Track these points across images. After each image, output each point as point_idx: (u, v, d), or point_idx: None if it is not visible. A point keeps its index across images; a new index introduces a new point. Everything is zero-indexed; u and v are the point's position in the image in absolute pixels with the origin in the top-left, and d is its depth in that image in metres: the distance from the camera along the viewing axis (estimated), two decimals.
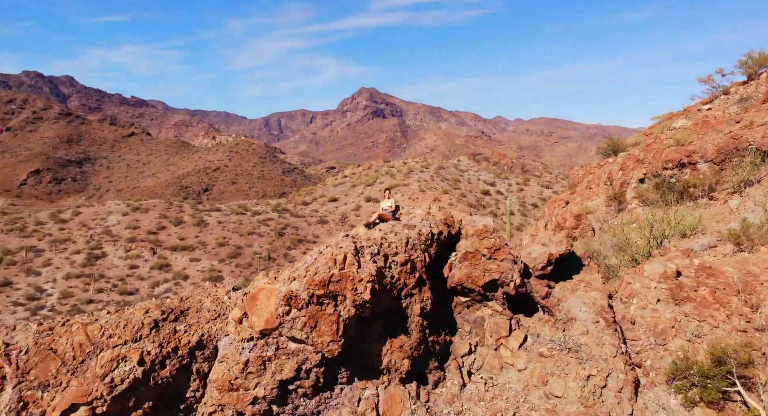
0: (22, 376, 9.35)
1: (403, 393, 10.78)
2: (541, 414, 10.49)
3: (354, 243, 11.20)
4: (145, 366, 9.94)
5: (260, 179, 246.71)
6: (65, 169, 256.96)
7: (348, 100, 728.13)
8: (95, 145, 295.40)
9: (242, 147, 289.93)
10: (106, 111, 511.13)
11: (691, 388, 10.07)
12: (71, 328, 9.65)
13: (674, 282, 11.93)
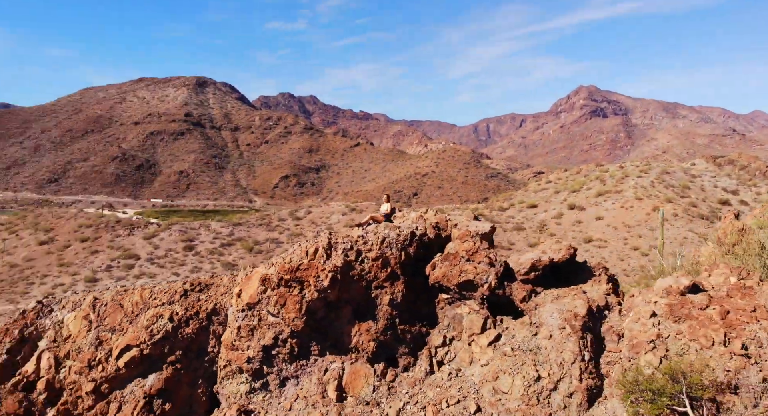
0: (100, 322, 13.00)
1: (368, 370, 12.38)
2: (483, 405, 11.22)
3: (329, 239, 13.32)
4: (173, 323, 13.37)
5: (464, 184, 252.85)
6: (306, 175, 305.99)
7: (563, 100, 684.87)
8: (329, 154, 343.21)
9: (448, 153, 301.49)
10: (340, 124, 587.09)
11: (642, 403, 9.84)
12: (134, 291, 12.80)
13: (677, 298, 11.26)
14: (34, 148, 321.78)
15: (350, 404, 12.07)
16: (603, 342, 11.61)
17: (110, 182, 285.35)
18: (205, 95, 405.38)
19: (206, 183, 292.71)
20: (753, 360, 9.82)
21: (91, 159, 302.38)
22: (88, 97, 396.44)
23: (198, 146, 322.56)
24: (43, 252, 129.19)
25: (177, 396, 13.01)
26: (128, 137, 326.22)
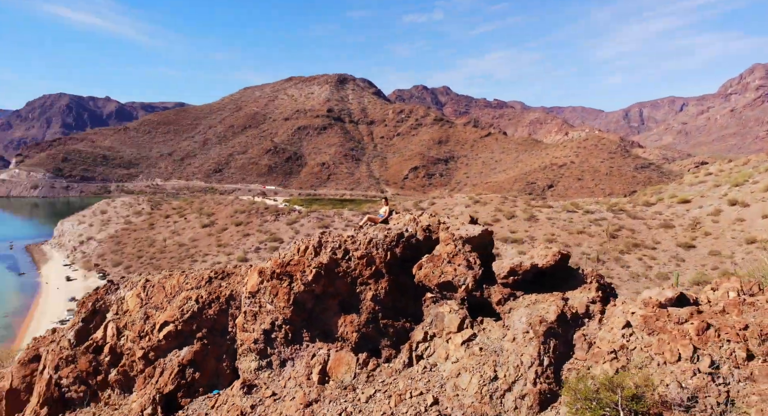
0: (148, 300, 14.89)
1: (351, 358, 13.39)
2: (442, 399, 11.79)
3: (320, 238, 14.46)
4: (199, 304, 15.54)
5: (608, 176, 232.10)
6: (435, 166, 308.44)
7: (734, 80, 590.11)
8: (459, 145, 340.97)
9: (591, 142, 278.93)
10: (472, 114, 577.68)
11: (582, 410, 9.90)
12: (173, 276, 14.30)
13: (653, 311, 10.97)
14: (203, 142, 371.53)
15: (330, 387, 13.25)
16: (573, 349, 11.52)
17: (264, 172, 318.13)
18: (345, 91, 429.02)
19: (344, 174, 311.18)
20: (721, 380, 9.42)
21: (249, 152, 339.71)
22: (247, 96, 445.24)
23: (338, 139, 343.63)
24: (205, 233, 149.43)
25: (205, 368, 15.15)
26: (279, 132, 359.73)
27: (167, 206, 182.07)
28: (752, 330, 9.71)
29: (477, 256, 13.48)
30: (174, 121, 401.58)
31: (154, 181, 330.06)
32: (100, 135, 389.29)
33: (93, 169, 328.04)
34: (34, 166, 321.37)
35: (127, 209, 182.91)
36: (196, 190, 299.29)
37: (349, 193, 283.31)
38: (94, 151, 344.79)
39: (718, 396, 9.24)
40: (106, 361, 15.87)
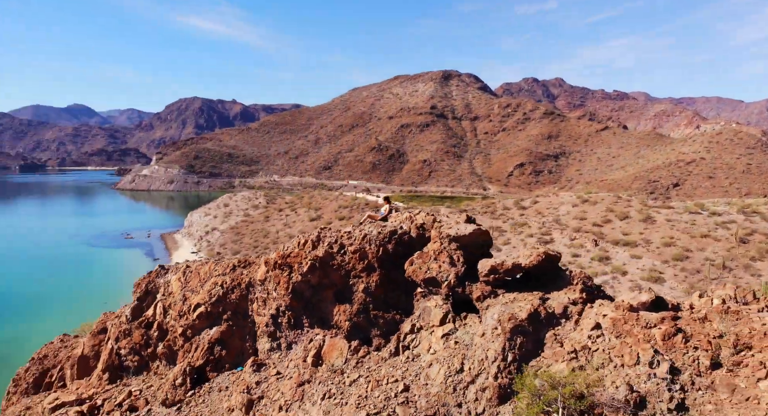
0: (186, 284, 15.97)
1: (343, 345, 14.43)
2: (412, 387, 12.45)
3: (318, 233, 15.64)
4: (224, 289, 17.16)
5: (745, 174, 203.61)
6: (543, 163, 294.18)
7: None
8: (571, 140, 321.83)
9: (725, 136, 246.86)
10: (588, 107, 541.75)
11: (530, 405, 10.16)
12: (207, 263, 15.03)
13: (624, 314, 11.02)
14: (315, 141, 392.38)
15: (322, 370, 14.51)
16: (543, 348, 11.72)
17: (368, 169, 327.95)
18: (449, 88, 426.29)
19: (445, 170, 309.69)
20: (678, 386, 9.37)
21: (355, 150, 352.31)
22: (355, 96, 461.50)
23: (440, 136, 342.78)
24: (312, 226, 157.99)
25: (231, 346, 16.94)
26: (384, 130, 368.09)
27: (281, 200, 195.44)
28: (726, 339, 9.48)
29: (461, 254, 13.79)
30: (290, 121, 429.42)
31: (271, 177, 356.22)
32: (226, 135, 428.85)
33: (220, 166, 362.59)
34: (171, 162, 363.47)
35: (246, 203, 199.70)
36: (308, 185, 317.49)
37: (450, 190, 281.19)
38: (221, 149, 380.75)
39: (670, 402, 9.15)
40: (155, 336, 18.25)
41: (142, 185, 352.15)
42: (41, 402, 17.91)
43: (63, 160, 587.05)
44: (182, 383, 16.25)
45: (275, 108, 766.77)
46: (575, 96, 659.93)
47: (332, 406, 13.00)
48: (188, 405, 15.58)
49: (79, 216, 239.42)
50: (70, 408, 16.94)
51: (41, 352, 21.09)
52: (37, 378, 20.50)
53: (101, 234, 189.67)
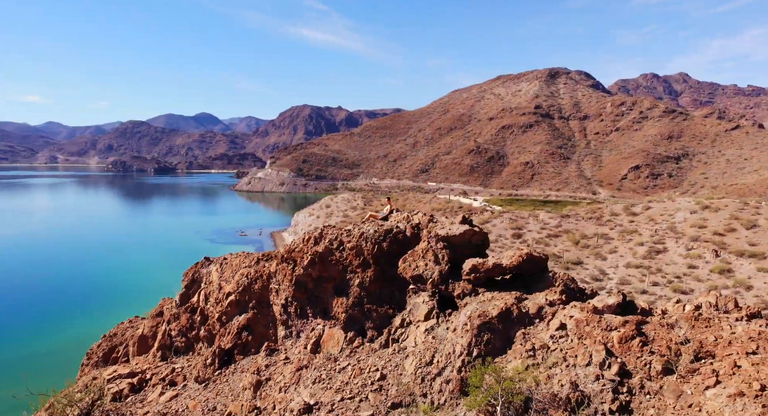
0: (222, 274, 17.59)
1: (340, 334, 15.45)
2: (388, 376, 13.21)
3: (321, 231, 16.67)
4: (248, 280, 18.57)
5: None
6: (662, 165, 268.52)
7: None
8: (695, 140, 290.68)
9: None
10: (717, 104, 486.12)
11: (470, 397, 10.64)
12: (238, 256, 15.54)
13: (587, 316, 11.09)
14: (413, 144, 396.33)
15: (319, 357, 15.67)
16: (511, 345, 12.06)
17: (466, 172, 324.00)
18: (555, 86, 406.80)
19: (550, 173, 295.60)
20: (626, 389, 9.55)
21: (453, 152, 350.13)
22: (454, 98, 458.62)
23: (544, 137, 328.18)
24: None
25: (256, 332, 18.44)
26: (483, 132, 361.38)
27: (376, 202, 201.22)
28: (689, 347, 9.47)
29: (447, 253, 14.15)
30: (390, 125, 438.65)
31: (371, 179, 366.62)
32: (331, 140, 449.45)
33: (325, 169, 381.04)
34: (282, 166, 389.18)
35: (346, 204, 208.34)
36: (405, 188, 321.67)
37: (555, 194, 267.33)
38: (326, 153, 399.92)
39: (612, 404, 9.31)
40: (198, 320, 20.38)
41: (256, 187, 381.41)
42: (103, 373, 20.83)
43: (190, 164, 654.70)
44: (211, 363, 18.20)
45: (377, 113, 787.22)
46: (702, 92, 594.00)
47: (318, 390, 14.04)
48: (214, 383, 17.39)
49: (203, 215, 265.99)
50: (123, 380, 19.66)
51: (112, 331, 24.41)
52: (106, 352, 23.79)
53: (220, 231, 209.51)
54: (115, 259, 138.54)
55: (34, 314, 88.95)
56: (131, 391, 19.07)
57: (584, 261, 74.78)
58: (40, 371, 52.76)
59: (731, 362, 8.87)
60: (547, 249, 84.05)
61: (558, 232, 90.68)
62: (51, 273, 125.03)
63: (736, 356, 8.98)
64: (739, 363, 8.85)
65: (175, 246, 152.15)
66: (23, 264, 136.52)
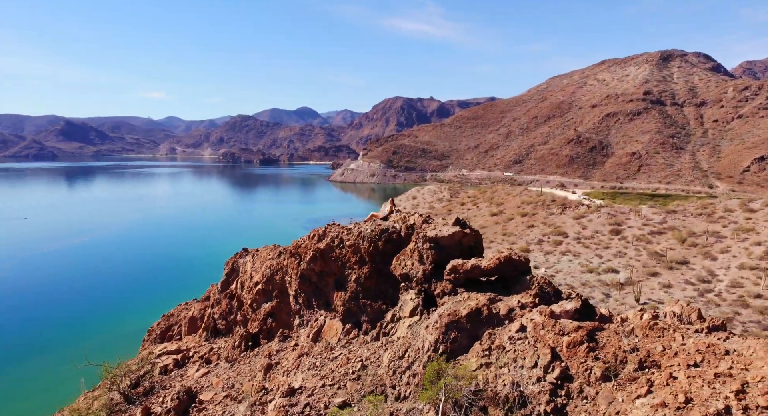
0: (253, 264, 20.48)
1: (339, 326, 16.65)
2: (369, 366, 14.09)
3: (325, 228, 17.86)
4: (271, 271, 20.02)
5: None
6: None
7: None
8: None
9: None
10: None
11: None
12: (265, 249, 16.37)
13: (544, 320, 11.35)
14: (506, 134, 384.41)
15: (319, 346, 16.93)
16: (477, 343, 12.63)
17: (564, 163, 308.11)
18: (668, 70, 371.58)
19: (659, 165, 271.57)
20: (564, 392, 9.99)
21: (550, 142, 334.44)
22: (554, 85, 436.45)
23: (654, 126, 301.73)
24: (492, 222, 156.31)
25: (279, 319, 19.91)
26: (584, 120, 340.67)
27: (463, 194, 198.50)
28: (636, 355, 9.64)
29: (432, 254, 14.64)
30: (482, 115, 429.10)
31: (461, 171, 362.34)
32: (421, 131, 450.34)
33: (414, 161, 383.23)
34: (373, 158, 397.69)
35: (432, 196, 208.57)
36: (497, 180, 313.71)
37: (665, 188, 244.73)
38: (416, 145, 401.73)
39: (547, 405, 9.66)
40: (235, 306, 22.37)
41: (349, 178, 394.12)
42: (156, 349, 23.62)
43: (291, 155, 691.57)
44: (238, 346, 19.99)
45: (470, 102, 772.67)
46: None
47: (310, 375, 15.17)
48: (238, 363, 19.05)
49: (300, 204, 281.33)
50: (169, 356, 22.17)
51: (171, 312, 27.31)
52: (163, 331, 26.76)
53: (314, 219, 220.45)
54: (217, 242, 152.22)
55: (139, 291, 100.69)
56: (175, 366, 21.41)
57: (690, 260, 68.75)
58: (130, 344, 60.12)
59: (668, 373, 8.94)
60: (649, 247, 77.99)
61: (662, 229, 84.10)
62: (159, 253, 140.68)
63: (677, 367, 9.02)
64: (675, 374, 8.89)
65: (274, 231, 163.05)
66: (136, 245, 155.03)
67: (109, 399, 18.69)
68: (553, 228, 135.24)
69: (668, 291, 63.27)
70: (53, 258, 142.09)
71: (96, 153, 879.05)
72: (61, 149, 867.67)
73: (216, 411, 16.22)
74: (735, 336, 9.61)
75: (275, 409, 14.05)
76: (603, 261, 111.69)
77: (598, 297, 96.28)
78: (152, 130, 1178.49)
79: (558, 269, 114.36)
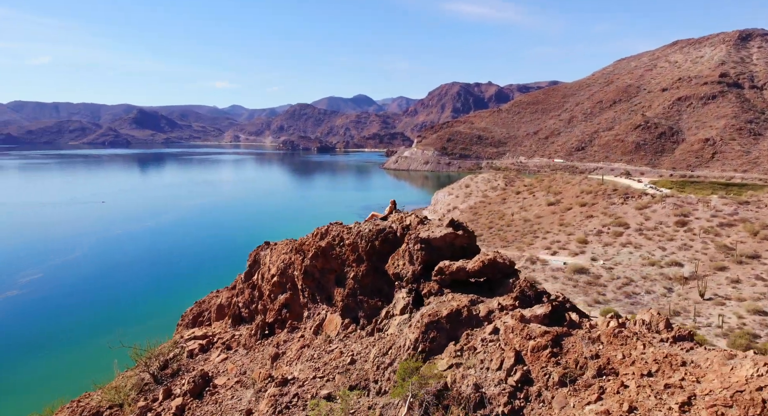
0: (271, 257, 22.45)
1: (338, 320, 17.58)
2: (357, 361, 14.96)
3: (328, 227, 18.78)
4: (284, 265, 21.14)
5: None
6: None
7: None
8: None
9: None
10: None
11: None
12: (281, 243, 20.48)
13: (514, 324, 11.76)
14: (568, 120, 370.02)
15: (319, 338, 17.82)
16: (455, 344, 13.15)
17: (630, 150, 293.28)
18: (747, 51, 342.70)
19: (735, 152, 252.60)
20: (523, 395, 10.42)
21: (615, 128, 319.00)
22: (620, 68, 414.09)
23: (730, 110, 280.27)
24: (549, 211, 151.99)
25: (292, 310, 20.90)
26: (653, 105, 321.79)
27: (519, 183, 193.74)
28: (596, 362, 9.93)
29: (422, 254, 15.21)
30: (542, 100, 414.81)
31: (518, 158, 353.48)
32: (477, 117, 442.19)
33: (469, 148, 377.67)
34: (427, 145, 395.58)
35: (486, 184, 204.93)
36: (557, 168, 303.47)
37: (740, 176, 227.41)
38: (471, 132, 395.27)
39: (505, 407, 10.10)
40: (256, 296, 23.82)
41: (403, 165, 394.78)
42: (186, 333, 25.53)
43: (347, 143, 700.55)
44: (255, 334, 21.11)
45: (530, 87, 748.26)
46: None
47: (306, 367, 16.03)
48: (253, 351, 20.15)
49: (354, 191, 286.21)
50: (196, 341, 23.65)
51: (203, 298, 29.11)
52: (195, 316, 28.61)
53: (367, 207, 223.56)
54: (271, 227, 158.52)
55: (191, 274, 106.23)
56: (200, 351, 22.80)
57: (762, 255, 64.71)
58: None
59: (620, 381, 9.07)
60: (717, 239, 73.75)
61: (733, 221, 79.40)
62: (217, 237, 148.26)
63: (630, 376, 9.11)
64: (627, 383, 8.99)
65: (328, 218, 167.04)
66: (197, 229, 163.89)
67: (140, 379, 20.34)
68: (613, 219, 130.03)
69: (736, 286, 60.03)
70: (123, 240, 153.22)
71: (166, 140, 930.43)
72: (134, 136, 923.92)
73: (226, 395, 17.23)
74: (700, 347, 9.68)
75: (267, 398, 15.08)
76: (666, 254, 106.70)
77: (659, 292, 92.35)
78: (217, 118, 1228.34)
79: (617, 262, 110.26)
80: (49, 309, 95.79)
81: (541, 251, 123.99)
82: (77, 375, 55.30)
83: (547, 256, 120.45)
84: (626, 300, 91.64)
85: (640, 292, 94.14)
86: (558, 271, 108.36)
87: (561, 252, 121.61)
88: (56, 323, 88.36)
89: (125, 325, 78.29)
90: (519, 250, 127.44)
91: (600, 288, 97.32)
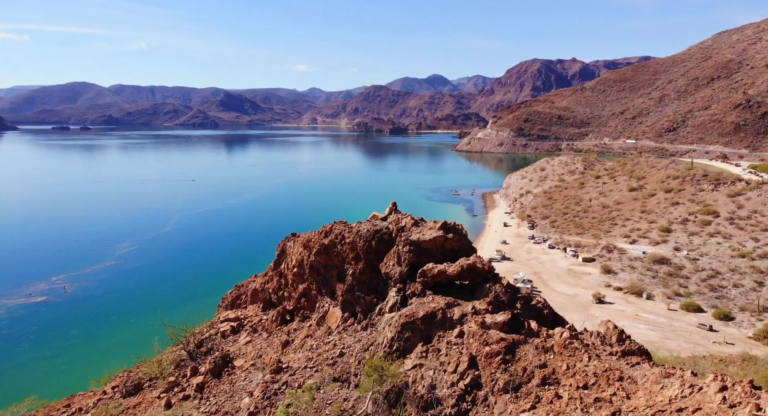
0: (293, 248, 24.89)
1: (339, 314, 18.65)
2: (346, 353, 15.87)
3: (332, 226, 19.90)
4: (300, 257, 22.08)
5: None
6: None
7: None
8: None
9: None
10: None
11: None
12: (303, 236, 23.10)
13: (475, 329, 12.33)
14: (659, 99, 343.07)
15: (321, 330, 18.88)
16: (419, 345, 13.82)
17: (728, 132, 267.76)
18: None
19: None
20: (470, 398, 11.15)
21: (712, 107, 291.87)
22: (720, 41, 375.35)
23: None
24: (630, 197, 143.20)
25: (310, 299, 21.88)
26: (757, 82, 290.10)
27: (599, 166, 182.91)
28: (542, 371, 10.39)
29: (409, 257, 15.88)
30: (631, 77, 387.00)
31: (602, 140, 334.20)
32: (558, 96, 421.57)
33: (548, 129, 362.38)
34: (503, 126, 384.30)
35: (563, 167, 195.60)
36: (645, 150, 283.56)
37: None
38: (551, 111, 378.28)
39: (453, 409, 10.95)
40: (282, 283, 24.80)
41: (475, 147, 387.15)
42: (221, 315, 27.70)
43: (420, 124, 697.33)
44: (275, 320, 22.35)
45: (619, 63, 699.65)
46: None
47: (304, 356, 17.20)
48: (272, 335, 21.46)
49: (424, 173, 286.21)
50: (229, 323, 25.43)
51: (242, 283, 30.93)
52: (233, 299, 30.44)
53: (436, 190, 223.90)
54: (340, 207, 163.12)
55: (254, 253, 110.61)
56: (231, 332, 24.35)
57: None
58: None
59: (555, 392, 9.41)
60: None
61: None
62: (288, 215, 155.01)
63: (567, 387, 9.40)
64: (561, 394, 9.32)
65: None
66: (270, 208, 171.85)
67: (178, 355, 22.39)
68: (701, 207, 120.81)
69: None
70: (207, 217, 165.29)
71: (250, 122, 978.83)
72: (221, 118, 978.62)
73: (240, 376, 18.47)
74: (645, 363, 9.82)
75: (259, 384, 16.01)
76: (759, 245, 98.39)
77: (748, 286, 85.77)
78: (297, 101, 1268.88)
79: (703, 252, 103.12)
80: (141, 280, 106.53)
81: (619, 239, 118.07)
82: (121, 352, 59.07)
83: (625, 245, 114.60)
84: (710, 294, 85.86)
85: (727, 286, 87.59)
86: (636, 261, 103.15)
87: (641, 240, 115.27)
88: (144, 293, 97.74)
89: (194, 300, 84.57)
90: (595, 238, 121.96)
91: (682, 280, 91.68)
